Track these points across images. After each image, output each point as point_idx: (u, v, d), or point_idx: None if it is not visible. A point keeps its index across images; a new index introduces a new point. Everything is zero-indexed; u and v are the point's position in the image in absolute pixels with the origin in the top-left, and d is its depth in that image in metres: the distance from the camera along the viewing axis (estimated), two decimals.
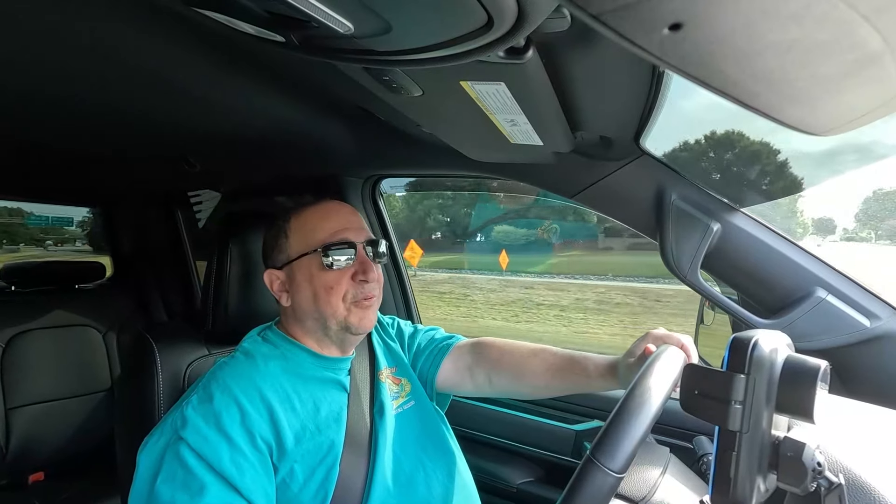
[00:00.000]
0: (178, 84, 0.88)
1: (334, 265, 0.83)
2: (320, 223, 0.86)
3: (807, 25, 0.30)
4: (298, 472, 0.75)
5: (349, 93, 0.92)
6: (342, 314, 0.84)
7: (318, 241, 0.84)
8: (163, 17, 0.66)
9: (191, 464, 0.67)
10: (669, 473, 0.72)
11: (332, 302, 0.83)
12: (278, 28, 0.50)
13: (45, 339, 1.89)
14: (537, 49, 0.58)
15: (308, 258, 0.85)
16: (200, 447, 0.68)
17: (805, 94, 0.39)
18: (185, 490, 0.66)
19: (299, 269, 0.85)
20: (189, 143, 1.29)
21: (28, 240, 5.24)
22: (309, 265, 0.85)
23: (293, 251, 0.86)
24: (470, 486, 0.92)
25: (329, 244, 0.84)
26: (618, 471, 0.48)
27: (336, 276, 0.84)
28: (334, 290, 0.83)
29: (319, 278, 0.84)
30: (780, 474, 0.51)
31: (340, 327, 0.85)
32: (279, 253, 0.88)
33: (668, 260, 0.97)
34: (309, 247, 0.85)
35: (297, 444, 0.76)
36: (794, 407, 0.50)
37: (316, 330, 0.87)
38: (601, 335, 7.20)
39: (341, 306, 0.84)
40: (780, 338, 0.54)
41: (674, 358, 0.61)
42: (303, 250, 0.85)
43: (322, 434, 0.79)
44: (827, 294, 0.90)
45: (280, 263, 0.87)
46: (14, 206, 3.81)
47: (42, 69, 0.79)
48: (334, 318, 0.84)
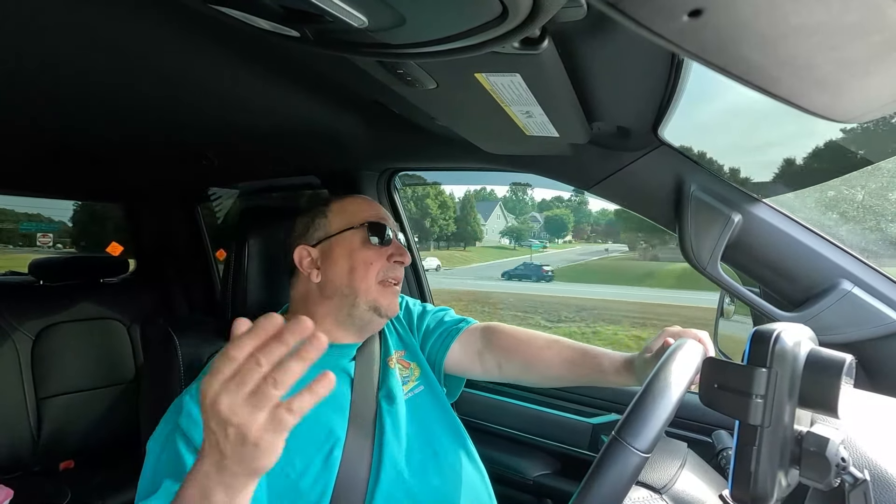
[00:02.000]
0: (197, 81, 0.89)
1: (377, 241, 0.89)
2: (363, 206, 0.94)
3: (833, 7, 0.29)
4: (296, 460, 0.75)
5: (364, 87, 0.93)
6: (374, 293, 0.88)
7: (361, 219, 0.91)
8: (182, 16, 0.66)
9: (181, 449, 0.69)
10: (688, 467, 0.72)
11: (368, 277, 0.88)
12: (293, 23, 0.50)
13: (72, 332, 1.95)
14: (553, 39, 0.57)
15: (351, 233, 0.90)
16: (190, 431, 0.70)
17: (830, 79, 0.38)
18: (175, 474, 0.66)
19: (339, 244, 0.90)
20: (208, 138, 1.31)
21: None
22: (351, 240, 0.89)
23: (333, 228, 0.91)
24: (481, 471, 0.93)
25: (373, 222, 0.90)
26: (644, 450, 0.48)
27: (375, 253, 0.89)
28: (373, 265, 0.88)
29: (360, 253, 0.89)
30: (802, 469, 0.50)
31: (370, 307, 0.88)
32: (315, 231, 0.92)
33: (688, 252, 0.95)
34: (352, 223, 0.90)
35: (292, 432, 0.76)
36: (818, 401, 0.49)
37: (341, 308, 0.88)
38: None
39: (374, 285, 0.88)
40: (803, 331, 0.53)
41: (693, 350, 0.60)
42: (346, 226, 0.90)
43: (320, 421, 0.80)
44: (853, 286, 0.87)
45: (316, 240, 0.91)
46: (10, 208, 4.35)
47: (66, 68, 0.81)
48: (365, 296, 0.87)
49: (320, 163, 1.52)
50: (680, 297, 14.63)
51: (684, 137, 0.94)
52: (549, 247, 28.36)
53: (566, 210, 30.06)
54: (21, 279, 2.22)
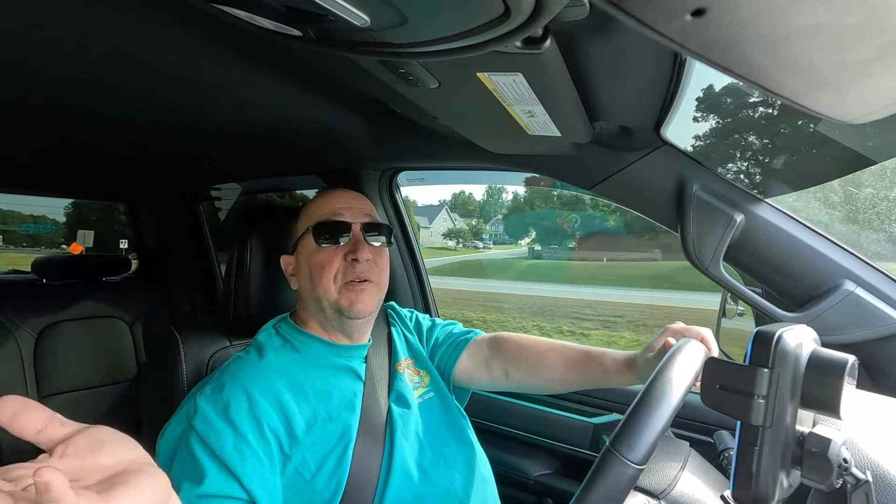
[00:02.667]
0: (199, 80, 0.90)
1: (324, 243, 0.85)
2: (320, 205, 0.90)
3: (835, 9, 0.29)
4: (310, 460, 0.76)
5: (366, 86, 0.93)
6: (333, 296, 0.85)
7: (314, 220, 0.87)
8: (185, 16, 0.67)
9: (196, 452, 0.69)
10: (689, 468, 0.72)
11: (323, 282, 0.84)
12: (295, 22, 0.50)
13: (75, 330, 1.96)
14: (555, 38, 0.57)
15: (306, 237, 0.88)
16: (206, 435, 0.70)
17: (833, 80, 0.38)
18: (191, 477, 0.67)
19: (300, 250, 0.89)
20: (210, 137, 1.31)
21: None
22: (307, 244, 0.87)
23: (298, 232, 0.90)
24: (489, 479, 0.93)
25: (320, 222, 0.87)
26: (638, 462, 0.48)
27: (329, 254, 0.85)
28: (325, 268, 0.85)
29: (314, 257, 0.86)
30: (804, 470, 0.50)
31: (333, 310, 0.85)
32: (291, 237, 0.92)
33: (690, 252, 0.95)
34: (308, 225, 0.88)
35: (308, 432, 0.77)
36: (820, 402, 0.49)
37: (316, 313, 0.88)
38: None
39: (332, 287, 0.85)
40: (805, 331, 0.53)
41: (694, 351, 0.60)
42: (303, 229, 0.89)
43: (334, 421, 0.80)
44: (855, 286, 0.87)
45: (291, 248, 0.91)
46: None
47: (69, 68, 0.81)
48: (326, 300, 0.85)
49: (322, 162, 1.52)
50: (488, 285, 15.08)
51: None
52: (494, 248, 28.44)
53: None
54: (24, 277, 2.22)
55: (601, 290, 12.70)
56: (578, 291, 13.06)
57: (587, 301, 11.08)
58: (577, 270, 18.29)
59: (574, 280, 16.41)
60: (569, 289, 13.84)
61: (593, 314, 9.73)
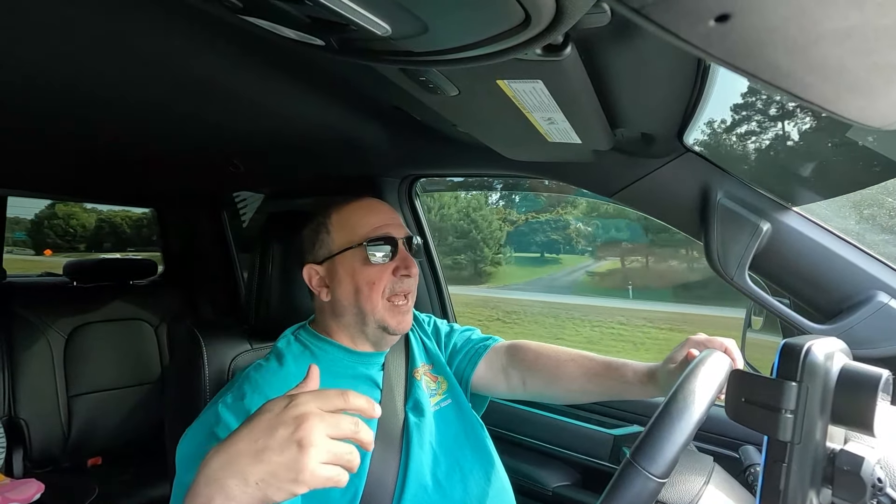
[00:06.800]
0: (225, 89, 0.92)
1: (375, 259, 0.85)
2: (363, 219, 0.89)
3: (868, 10, 0.28)
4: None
5: (386, 94, 0.94)
6: (381, 312, 0.85)
7: (361, 236, 0.86)
8: (212, 27, 0.69)
9: None
10: (713, 483, 0.69)
11: (372, 298, 0.85)
12: (318, 32, 0.51)
13: (103, 332, 2.02)
14: (576, 45, 0.57)
15: (352, 252, 0.86)
16: None
17: (864, 84, 0.36)
18: None
19: (342, 264, 0.87)
20: (235, 145, 1.34)
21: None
22: (352, 259, 0.86)
23: (335, 246, 0.88)
24: (507, 489, 0.92)
25: (372, 238, 0.86)
26: (659, 475, 0.47)
27: (378, 270, 0.86)
28: (376, 285, 0.85)
29: (362, 273, 0.85)
30: (835, 489, 0.48)
31: (378, 326, 0.86)
32: (320, 248, 0.90)
33: (714, 261, 0.93)
34: (352, 241, 0.87)
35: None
36: (852, 418, 0.47)
37: (353, 325, 0.88)
38: None
39: (380, 303, 0.85)
40: (835, 344, 0.51)
41: (719, 362, 0.58)
42: (346, 245, 0.87)
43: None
44: (889, 298, 0.84)
45: (321, 258, 0.89)
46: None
47: (101, 78, 0.84)
48: (373, 316, 0.85)
49: (343, 169, 1.54)
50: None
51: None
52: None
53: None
54: (56, 280, 2.30)
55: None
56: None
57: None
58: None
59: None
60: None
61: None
